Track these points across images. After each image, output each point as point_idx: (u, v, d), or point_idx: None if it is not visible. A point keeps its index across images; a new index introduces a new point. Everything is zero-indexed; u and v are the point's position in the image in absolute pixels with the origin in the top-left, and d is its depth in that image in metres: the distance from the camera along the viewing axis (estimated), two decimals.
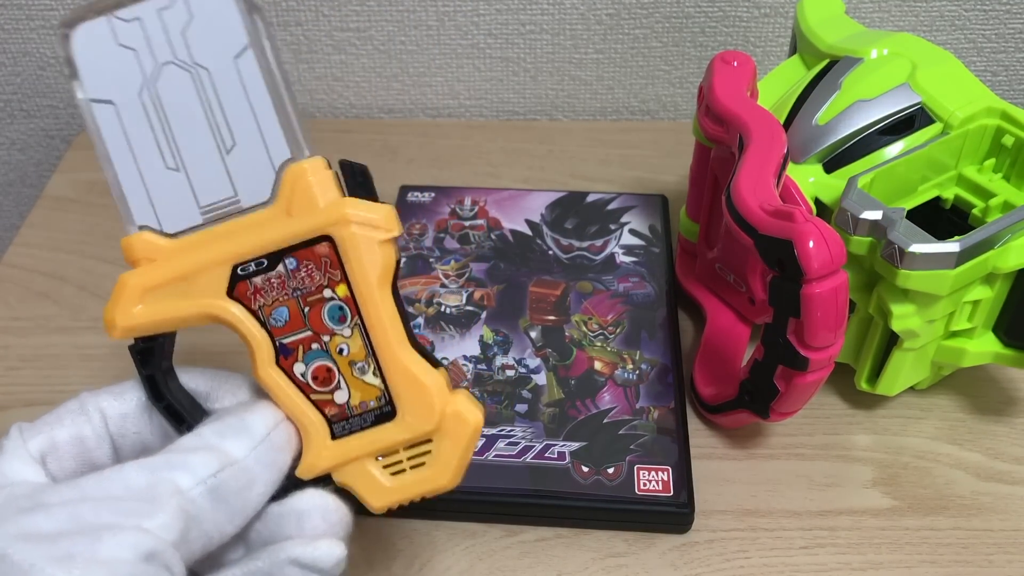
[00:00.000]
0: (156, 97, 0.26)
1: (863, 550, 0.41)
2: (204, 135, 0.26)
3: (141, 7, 0.26)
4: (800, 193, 0.42)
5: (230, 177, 0.27)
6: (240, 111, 0.26)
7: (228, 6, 0.26)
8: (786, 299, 0.36)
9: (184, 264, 0.27)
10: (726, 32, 0.65)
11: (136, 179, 0.27)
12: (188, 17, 0.26)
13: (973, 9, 0.64)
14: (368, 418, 0.27)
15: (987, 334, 0.43)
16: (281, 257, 0.26)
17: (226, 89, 0.26)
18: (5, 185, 0.74)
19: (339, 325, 0.27)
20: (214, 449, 0.25)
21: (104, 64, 0.26)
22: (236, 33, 0.26)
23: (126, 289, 0.27)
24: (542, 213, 0.56)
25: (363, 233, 0.26)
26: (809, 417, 0.46)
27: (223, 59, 0.26)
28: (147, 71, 0.26)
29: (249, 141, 0.26)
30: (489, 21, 0.65)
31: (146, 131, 0.26)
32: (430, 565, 0.41)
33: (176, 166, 0.26)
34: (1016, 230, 0.39)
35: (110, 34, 0.26)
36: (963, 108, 0.43)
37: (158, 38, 0.26)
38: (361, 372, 0.27)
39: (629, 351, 0.47)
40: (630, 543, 0.41)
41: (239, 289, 0.27)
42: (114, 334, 0.27)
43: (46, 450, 0.25)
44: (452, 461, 0.27)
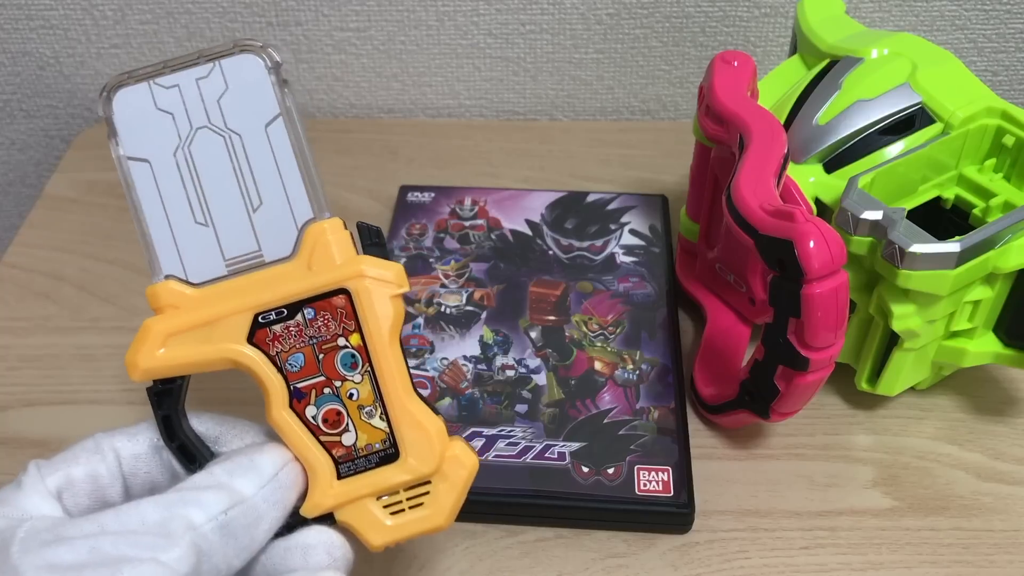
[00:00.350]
0: (190, 157, 0.29)
1: (863, 550, 0.41)
2: (233, 194, 0.29)
3: (180, 75, 0.28)
4: (800, 193, 0.42)
5: (255, 233, 0.29)
6: (268, 174, 0.29)
7: (262, 79, 0.29)
8: (786, 299, 0.36)
9: (207, 311, 0.28)
10: (726, 32, 0.65)
11: (166, 231, 0.29)
12: (224, 87, 0.29)
13: (973, 9, 0.64)
14: (373, 459, 0.29)
15: (987, 334, 0.43)
16: (300, 307, 0.28)
17: (256, 153, 0.29)
18: (5, 185, 0.74)
19: (351, 371, 0.29)
20: (225, 487, 0.26)
21: (142, 126, 0.28)
22: (268, 104, 0.29)
23: (150, 334, 0.28)
24: (542, 213, 0.56)
25: (376, 287, 0.29)
26: (809, 417, 0.46)
27: (255, 126, 0.29)
28: (183, 133, 0.29)
29: (275, 201, 0.29)
30: (489, 21, 0.65)
31: (178, 188, 0.29)
32: (430, 565, 0.41)
33: (205, 221, 0.29)
34: (1016, 230, 0.39)
35: (150, 98, 0.28)
36: (963, 108, 0.42)
37: (195, 104, 0.29)
38: (369, 416, 0.29)
39: (629, 351, 0.47)
40: (630, 543, 0.41)
41: (259, 336, 0.28)
42: (135, 376, 0.28)
43: (63, 486, 0.26)
44: (449, 503, 0.30)
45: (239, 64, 0.29)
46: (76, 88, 0.68)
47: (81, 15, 0.64)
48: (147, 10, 0.64)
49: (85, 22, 0.65)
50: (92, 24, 0.65)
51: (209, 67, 0.29)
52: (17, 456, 0.45)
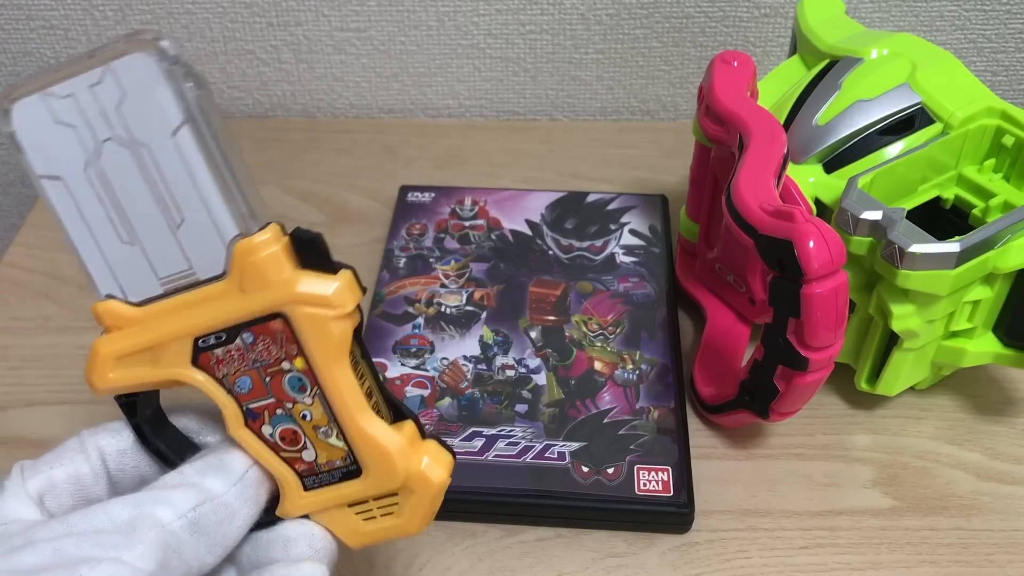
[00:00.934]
0: (102, 173, 0.26)
1: (863, 550, 0.41)
2: (152, 210, 0.26)
3: (74, 83, 0.25)
4: (800, 193, 0.42)
5: (183, 251, 0.27)
6: (184, 187, 0.26)
7: (158, 81, 0.25)
8: (786, 299, 0.36)
9: (149, 335, 0.27)
10: (726, 32, 0.65)
11: (95, 251, 0.27)
12: (120, 93, 0.25)
13: (973, 9, 0.64)
14: (336, 475, 0.28)
15: (987, 334, 0.43)
16: (239, 331, 0.26)
17: (168, 165, 0.26)
18: (5, 185, 0.74)
19: (300, 394, 0.27)
20: (194, 485, 0.26)
21: (47, 140, 0.26)
22: (170, 109, 0.25)
23: (99, 357, 0.27)
24: (542, 213, 0.56)
25: (314, 312, 0.26)
26: (809, 417, 0.46)
27: (160, 135, 0.25)
28: (88, 148, 0.26)
29: (197, 216, 0.26)
30: (489, 21, 0.65)
31: (96, 206, 0.26)
32: (430, 565, 0.41)
33: (131, 240, 0.27)
34: (1016, 230, 0.39)
35: (47, 111, 0.25)
36: (963, 108, 0.43)
37: (94, 114, 0.25)
38: (325, 435, 0.28)
39: (629, 351, 0.47)
40: (630, 543, 0.41)
41: (203, 359, 0.27)
42: (97, 393, 0.28)
43: (44, 489, 0.26)
44: (418, 513, 0.28)
45: (130, 65, 0.25)
46: None
47: (81, 15, 0.65)
48: (147, 10, 0.64)
49: (85, 22, 0.65)
50: (92, 24, 0.65)
51: (100, 71, 0.25)
52: (17, 456, 0.45)
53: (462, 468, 0.42)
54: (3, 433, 0.46)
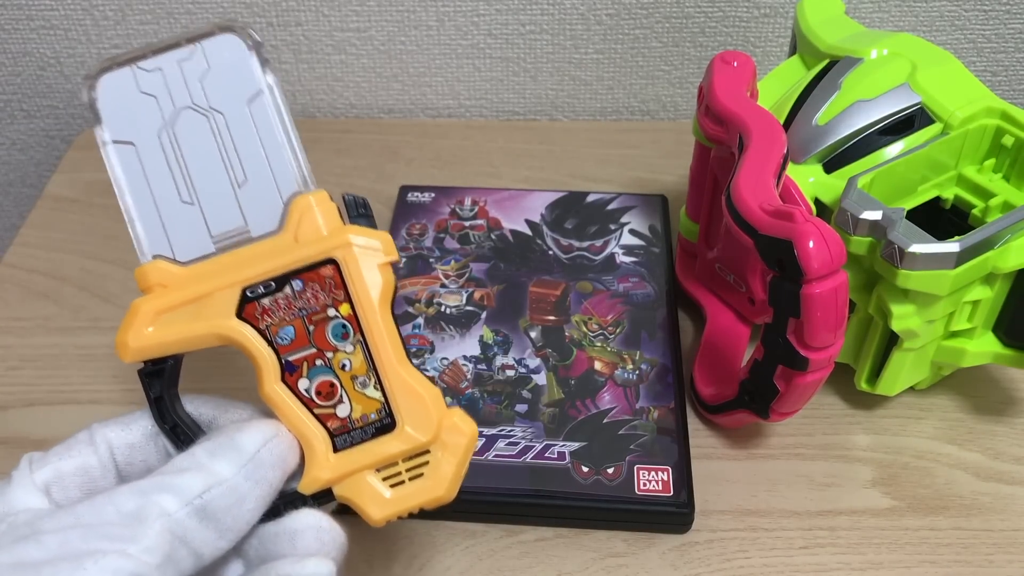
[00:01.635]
0: (174, 138, 0.29)
1: (863, 550, 0.41)
2: (218, 172, 0.29)
3: (163, 58, 0.29)
4: (800, 193, 0.42)
5: (241, 209, 0.29)
6: (252, 150, 0.29)
7: (244, 58, 0.29)
8: (786, 299, 0.36)
9: (196, 288, 0.28)
10: (726, 32, 0.65)
11: (152, 212, 0.29)
12: (206, 67, 0.29)
13: (973, 9, 0.64)
14: (369, 431, 0.28)
15: (987, 334, 0.43)
16: (288, 279, 0.28)
17: (239, 130, 0.29)
18: (5, 185, 0.74)
19: (342, 342, 0.28)
20: (203, 468, 0.26)
21: (126, 109, 0.29)
22: (250, 81, 0.29)
23: (138, 313, 0.28)
24: (542, 213, 0.56)
25: (364, 256, 0.28)
26: (809, 417, 0.46)
27: (237, 103, 0.29)
28: (166, 115, 0.29)
29: (260, 177, 0.29)
30: (489, 21, 0.65)
31: (163, 168, 0.29)
32: (430, 565, 0.41)
33: (191, 200, 0.29)
34: (1016, 230, 0.39)
35: (133, 83, 0.29)
36: (963, 108, 0.43)
37: (177, 85, 0.29)
38: (363, 386, 0.28)
39: (629, 351, 0.48)
40: (630, 543, 0.42)
41: (248, 310, 0.28)
42: (125, 356, 0.28)
43: (51, 480, 0.26)
44: (449, 471, 0.28)
45: (220, 44, 0.29)
46: (76, 88, 0.68)
47: (81, 15, 0.65)
48: (147, 10, 0.64)
49: (85, 22, 0.65)
50: (92, 24, 0.65)
51: (191, 48, 0.29)
52: (17, 456, 0.45)
53: None
54: (3, 433, 0.46)
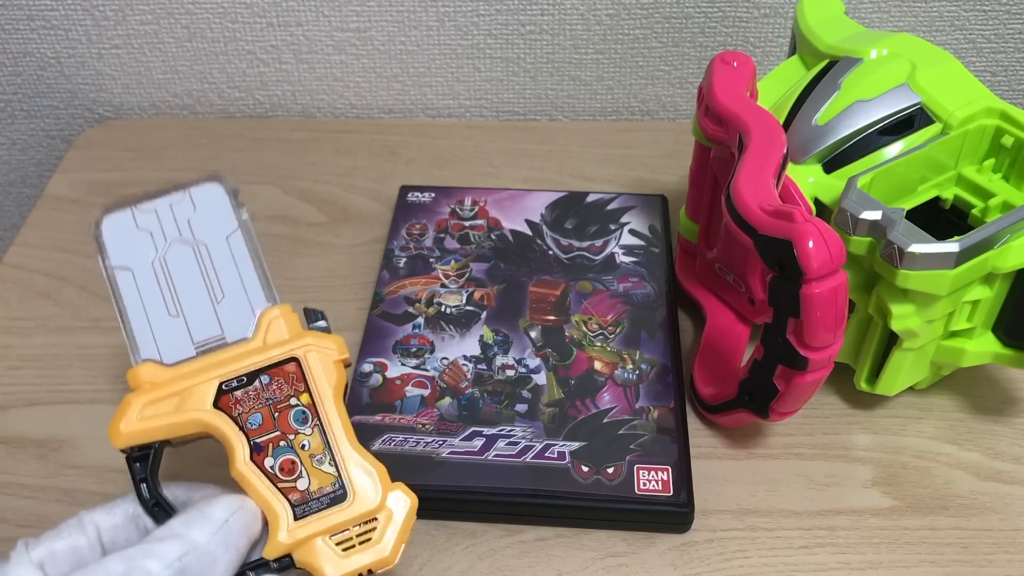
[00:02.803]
0: (165, 264, 0.35)
1: (863, 550, 0.41)
2: (200, 290, 0.35)
3: (157, 202, 0.36)
4: (800, 193, 0.42)
5: (219, 321, 0.35)
6: (229, 273, 0.35)
7: (223, 202, 0.36)
8: (786, 299, 0.36)
9: (178, 385, 0.33)
10: (726, 32, 0.65)
11: (144, 324, 0.34)
12: (192, 209, 0.36)
13: (973, 9, 0.64)
14: (324, 501, 0.33)
15: (986, 334, 0.43)
16: (258, 375, 0.34)
17: (219, 258, 0.35)
18: (5, 185, 0.74)
19: (302, 426, 0.33)
20: (180, 536, 0.30)
21: (126, 242, 0.35)
22: (228, 220, 0.36)
23: (130, 406, 0.33)
24: (542, 213, 0.56)
25: (320, 354, 0.34)
26: (809, 417, 0.46)
27: (217, 238, 0.35)
28: (159, 246, 0.35)
29: (235, 294, 0.35)
30: (489, 21, 0.65)
31: (155, 288, 0.35)
32: (430, 565, 0.41)
33: (177, 313, 0.35)
34: (1015, 230, 0.39)
35: (132, 221, 0.35)
36: (962, 108, 0.43)
37: (169, 223, 0.35)
38: (319, 463, 0.33)
39: (629, 351, 0.48)
40: (630, 543, 0.42)
41: (223, 401, 0.33)
42: (117, 443, 0.33)
43: (45, 558, 0.30)
44: (393, 536, 0.33)
45: (204, 190, 0.36)
46: (77, 88, 0.68)
47: (82, 15, 0.65)
48: (147, 11, 0.64)
49: (86, 22, 0.65)
50: (93, 24, 0.65)
51: (181, 195, 0.36)
52: (18, 456, 0.45)
53: (462, 468, 0.42)
54: (3, 433, 0.46)
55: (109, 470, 0.45)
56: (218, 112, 0.70)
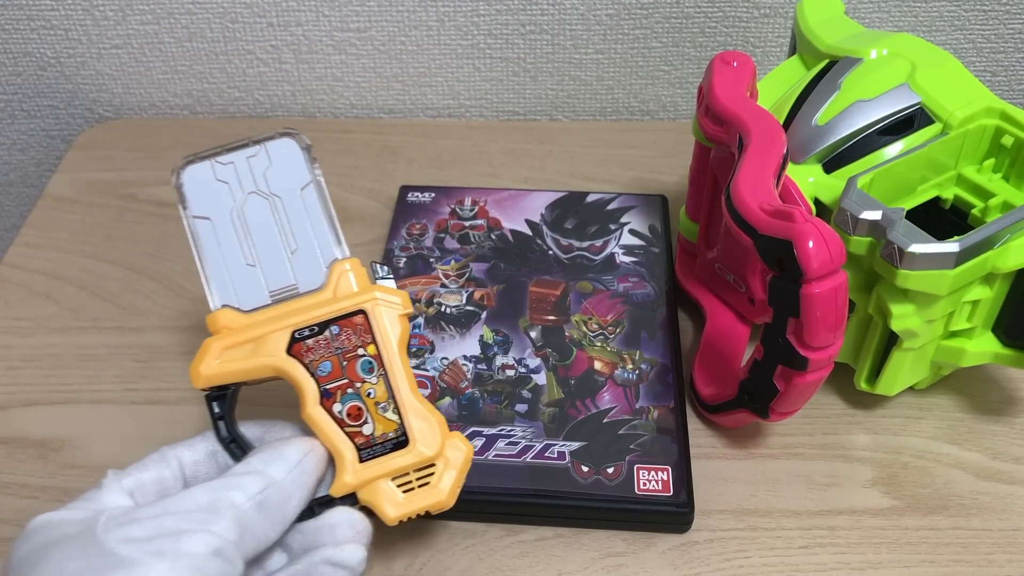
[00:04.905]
0: (242, 215, 0.37)
1: (863, 550, 0.41)
2: (275, 241, 0.37)
3: (235, 155, 0.38)
4: (800, 193, 0.42)
5: (292, 271, 0.37)
6: (302, 226, 0.37)
7: (298, 156, 0.38)
8: (786, 299, 0.36)
9: (255, 331, 0.35)
10: (726, 32, 0.65)
11: (223, 271, 0.36)
12: (268, 162, 0.38)
13: (973, 9, 0.64)
14: (387, 446, 0.35)
15: (986, 334, 0.43)
16: (328, 325, 0.36)
17: (293, 211, 0.37)
18: (5, 185, 0.74)
19: (368, 375, 0.36)
20: (260, 473, 0.32)
21: (205, 192, 0.37)
22: (302, 174, 0.38)
23: (209, 349, 0.35)
24: (542, 213, 0.56)
25: (386, 309, 0.36)
26: (809, 417, 0.46)
27: (292, 190, 0.38)
28: (236, 198, 0.37)
29: (308, 246, 0.37)
30: (489, 21, 0.65)
31: (232, 238, 0.37)
32: (430, 565, 0.41)
33: (253, 263, 0.37)
34: (1015, 230, 0.39)
35: (211, 173, 0.37)
36: (962, 108, 0.43)
37: (246, 176, 0.37)
38: (383, 410, 0.35)
39: (629, 351, 0.48)
40: (630, 543, 0.42)
41: (295, 348, 0.35)
42: (197, 383, 0.35)
43: (134, 487, 0.32)
44: (450, 481, 0.35)
45: (280, 145, 0.38)
46: (77, 88, 0.68)
47: (82, 15, 0.65)
48: (147, 10, 0.64)
49: (86, 22, 0.65)
50: (93, 24, 0.65)
51: (257, 148, 0.38)
52: (18, 456, 0.45)
53: None
54: (3, 433, 0.46)
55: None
56: (218, 112, 0.70)
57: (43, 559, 0.28)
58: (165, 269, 0.55)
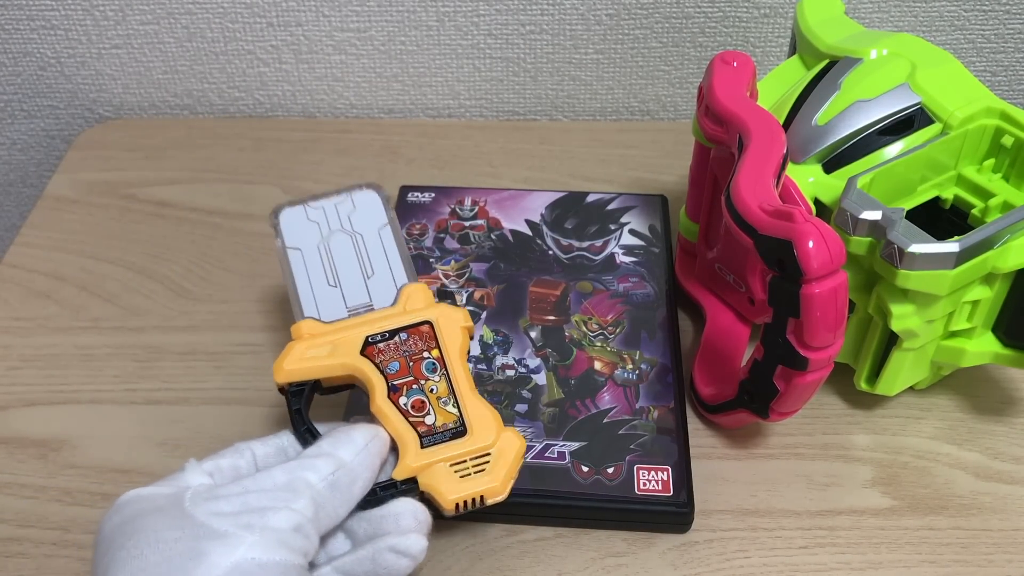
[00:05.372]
0: (328, 247, 0.44)
1: (863, 550, 0.41)
2: (355, 268, 0.43)
3: (324, 202, 0.45)
4: (800, 193, 0.42)
5: (368, 292, 0.42)
6: (379, 256, 0.43)
7: (377, 203, 0.45)
8: (786, 299, 0.36)
9: (332, 336, 0.40)
10: (726, 32, 0.65)
11: (308, 290, 0.42)
12: (353, 207, 0.45)
13: (973, 9, 0.64)
14: (447, 434, 0.38)
15: (986, 334, 0.43)
16: (398, 332, 0.40)
17: (372, 245, 0.44)
18: (5, 185, 0.74)
19: (432, 374, 0.39)
20: (331, 455, 0.35)
21: (298, 229, 0.44)
22: (380, 217, 0.45)
23: (292, 350, 0.40)
24: (542, 213, 0.56)
25: (450, 321, 0.41)
26: (809, 417, 0.46)
27: (371, 230, 0.44)
28: (324, 234, 0.44)
29: (383, 272, 0.43)
30: (489, 21, 0.65)
31: (318, 264, 0.43)
32: (430, 565, 0.41)
33: (335, 284, 0.43)
34: (1015, 230, 0.39)
35: (304, 214, 0.45)
36: (962, 108, 0.43)
37: (333, 217, 0.45)
38: (444, 404, 0.39)
39: (629, 351, 0.48)
40: (630, 543, 0.42)
41: (368, 350, 0.40)
42: (279, 377, 0.39)
43: (213, 471, 0.35)
44: (504, 470, 0.37)
45: (363, 194, 0.46)
46: (77, 88, 0.68)
47: (82, 15, 0.65)
48: (147, 11, 0.64)
49: (86, 22, 0.65)
50: (93, 24, 0.65)
51: (344, 196, 0.45)
52: (17, 456, 0.45)
53: None
54: (3, 433, 0.46)
55: (109, 470, 0.45)
56: (218, 112, 0.70)
57: (138, 529, 0.31)
58: (165, 269, 0.55)
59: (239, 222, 0.59)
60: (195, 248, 0.57)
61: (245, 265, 0.56)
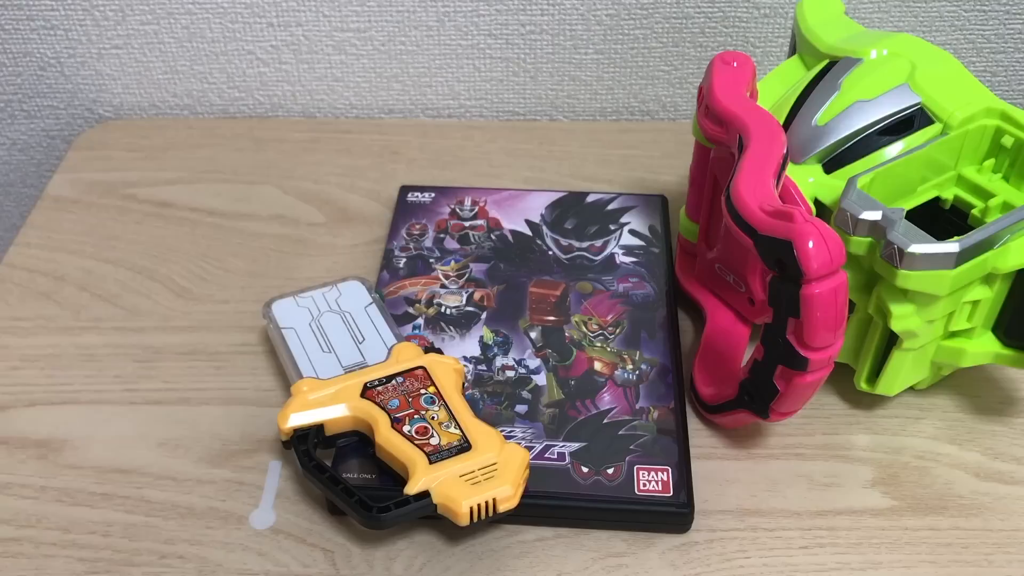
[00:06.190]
0: (319, 324, 0.48)
1: (863, 550, 0.41)
2: (346, 337, 0.47)
3: (312, 292, 0.50)
4: (800, 193, 0.42)
5: (361, 352, 0.46)
6: (368, 327, 0.48)
7: (362, 290, 0.50)
8: (786, 299, 0.36)
9: (335, 387, 0.43)
10: (726, 32, 0.65)
11: (304, 357, 0.46)
12: (339, 294, 0.50)
13: (973, 10, 0.64)
14: (453, 450, 0.40)
15: (986, 334, 0.43)
16: (393, 377, 0.44)
17: (361, 319, 0.48)
18: (6, 185, 0.74)
19: (431, 405, 0.42)
20: None
21: (290, 313, 0.49)
22: (365, 298, 0.49)
23: (295, 399, 0.43)
24: (542, 213, 0.56)
25: (442, 366, 0.44)
26: (809, 417, 0.46)
27: (359, 308, 0.49)
28: (314, 314, 0.48)
29: (372, 338, 0.47)
30: (489, 21, 0.65)
31: (312, 338, 0.47)
32: (430, 565, 0.41)
33: (329, 351, 0.46)
34: (1015, 230, 0.39)
35: (294, 302, 0.49)
36: (962, 108, 0.43)
37: (322, 302, 0.49)
38: (446, 427, 0.41)
39: (629, 351, 0.48)
40: (630, 543, 0.42)
41: (367, 393, 0.43)
42: (283, 427, 0.42)
43: None
44: (511, 474, 0.39)
45: (348, 284, 0.50)
46: (77, 89, 0.68)
47: (82, 16, 0.65)
48: (147, 11, 0.64)
49: (86, 23, 0.65)
50: (93, 25, 0.65)
51: (330, 287, 0.50)
52: (18, 456, 0.45)
53: None
54: (3, 433, 0.46)
55: (109, 470, 0.45)
56: (218, 112, 0.70)
57: None
58: (165, 269, 0.55)
59: (239, 222, 0.59)
60: (195, 248, 0.57)
61: (245, 265, 0.56)
